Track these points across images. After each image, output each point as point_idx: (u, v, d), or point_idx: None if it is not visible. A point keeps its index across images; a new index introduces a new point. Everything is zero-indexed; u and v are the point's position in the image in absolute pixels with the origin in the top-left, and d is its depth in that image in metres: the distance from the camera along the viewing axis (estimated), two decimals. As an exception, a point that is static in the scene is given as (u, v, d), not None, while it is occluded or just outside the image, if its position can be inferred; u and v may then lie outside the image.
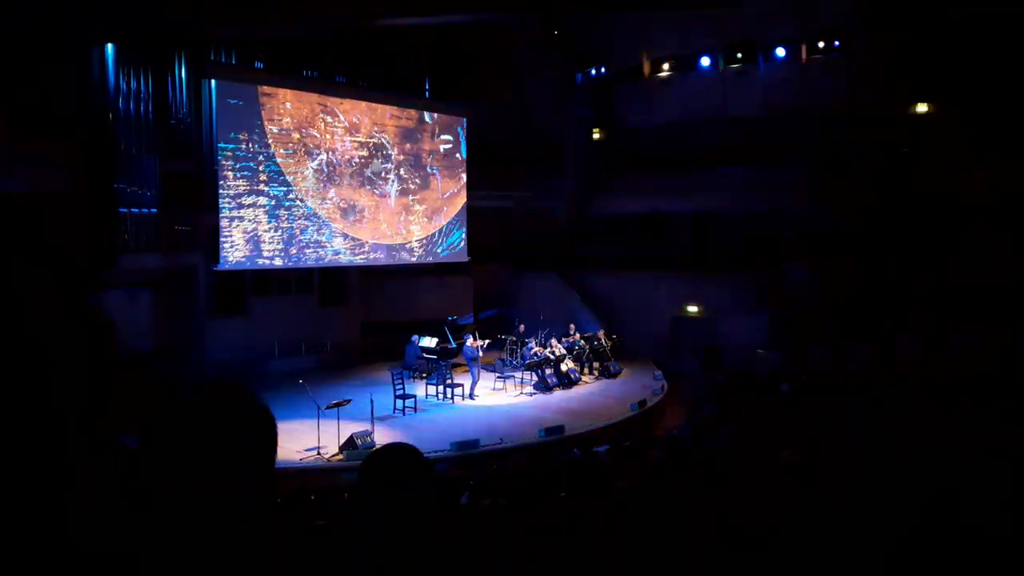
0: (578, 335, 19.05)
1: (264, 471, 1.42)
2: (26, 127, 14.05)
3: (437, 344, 17.83)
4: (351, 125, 20.10)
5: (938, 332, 16.35)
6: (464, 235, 22.98)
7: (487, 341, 17.73)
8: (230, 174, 17.58)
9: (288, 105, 18.67)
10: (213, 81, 17.54)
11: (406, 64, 22.21)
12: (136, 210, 16.05)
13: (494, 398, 16.63)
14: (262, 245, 18.20)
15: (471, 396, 16.33)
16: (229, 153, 17.55)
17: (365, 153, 20.44)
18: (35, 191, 14.11)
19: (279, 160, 18.47)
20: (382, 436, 12.73)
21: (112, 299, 15.96)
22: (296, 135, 18.85)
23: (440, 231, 22.41)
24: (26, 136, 14.03)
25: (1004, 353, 15.05)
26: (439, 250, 22.40)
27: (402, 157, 21.39)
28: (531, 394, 16.94)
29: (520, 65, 23.69)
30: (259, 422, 1.44)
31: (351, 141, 20.10)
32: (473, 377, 16.46)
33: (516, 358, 18.55)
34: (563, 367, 17.67)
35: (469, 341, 16.66)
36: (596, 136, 25.39)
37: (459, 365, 18.49)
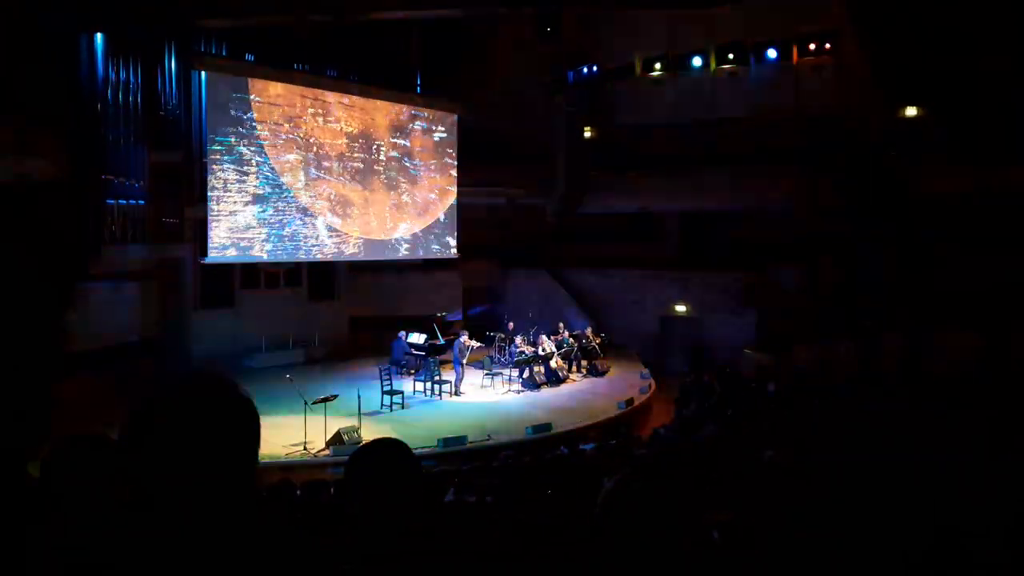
0: (566, 333, 19.07)
1: (246, 464, 1.42)
2: (14, 116, 13.93)
3: (425, 340, 17.80)
4: (341, 119, 20.03)
5: (924, 333, 16.47)
6: (454, 231, 22.94)
7: (479, 344, 17.71)
8: (219, 166, 17.49)
9: (278, 98, 18.59)
10: (203, 73, 17.44)
11: (397, 59, 22.13)
12: (124, 201, 15.94)
13: (482, 395, 16.62)
14: (250, 238, 18.12)
15: (456, 392, 16.33)
16: (218, 145, 17.46)
17: (355, 147, 20.38)
18: (22, 181, 13.99)
19: (268, 153, 18.39)
20: (369, 431, 12.70)
21: (98, 291, 15.86)
22: (286, 128, 18.77)
23: (429, 227, 22.37)
24: (14, 125, 13.91)
25: (990, 354, 15.18)
26: (428, 245, 22.36)
27: (392, 152, 21.33)
28: (519, 391, 16.94)
29: (512, 62, 23.67)
30: (242, 415, 1.43)
31: (341, 135, 20.03)
32: (457, 374, 16.45)
33: (505, 355, 18.55)
34: (551, 364, 17.68)
35: (463, 338, 16.65)
36: (587, 134, 25.40)
37: (447, 361, 18.48)
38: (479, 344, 17.61)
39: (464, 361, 16.52)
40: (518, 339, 17.93)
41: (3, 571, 1.62)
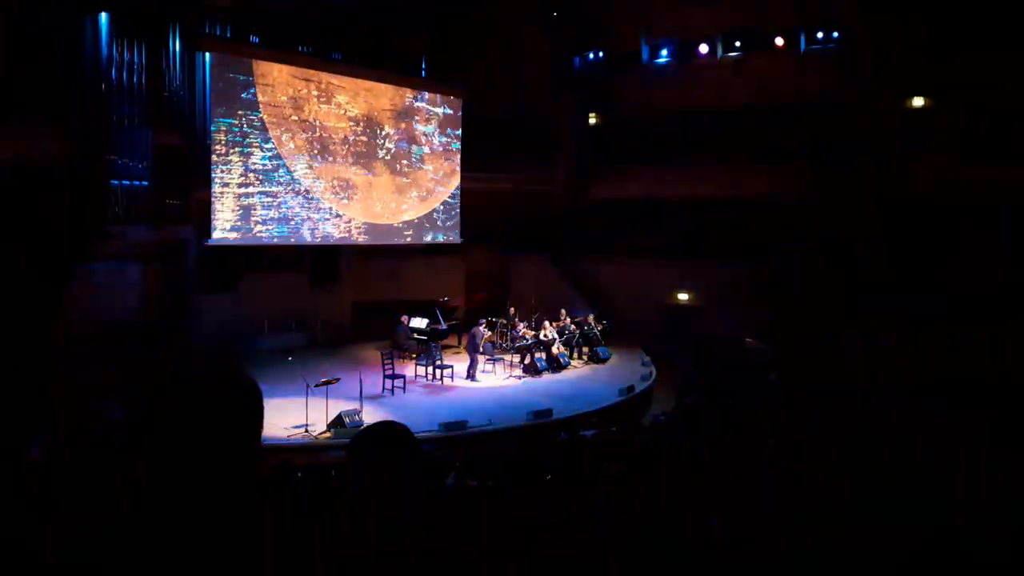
0: (568, 319, 19.08)
1: (249, 448, 1.42)
2: (18, 97, 13.90)
3: (427, 325, 17.82)
4: (345, 102, 19.97)
5: (926, 328, 16.44)
6: (457, 217, 22.92)
7: (491, 333, 17.74)
8: (223, 148, 17.47)
9: (283, 81, 18.54)
10: (207, 54, 17.38)
11: (402, 43, 22.04)
12: (128, 182, 15.92)
13: (484, 380, 16.66)
14: (254, 221, 18.12)
15: (472, 378, 16.37)
16: (222, 127, 17.44)
17: (359, 131, 20.33)
18: (26, 162, 13.98)
19: (272, 135, 18.36)
20: (370, 415, 12.75)
21: (102, 272, 15.87)
22: (290, 111, 18.72)
23: (433, 212, 22.35)
24: (18, 107, 13.88)
25: (993, 352, 15.16)
26: (431, 231, 22.34)
27: (396, 136, 21.28)
28: (520, 377, 16.98)
29: (518, 47, 23.56)
30: (246, 398, 1.43)
31: (345, 119, 19.98)
32: (473, 361, 16.50)
33: (506, 341, 18.58)
34: (553, 350, 17.71)
35: (482, 327, 16.73)
36: (592, 121, 25.30)
37: (449, 346, 18.53)
38: (491, 334, 17.69)
39: (480, 349, 16.61)
40: (520, 325, 17.95)
41: (6, 565, 1.62)
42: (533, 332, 17.75)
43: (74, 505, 1.78)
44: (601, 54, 24.77)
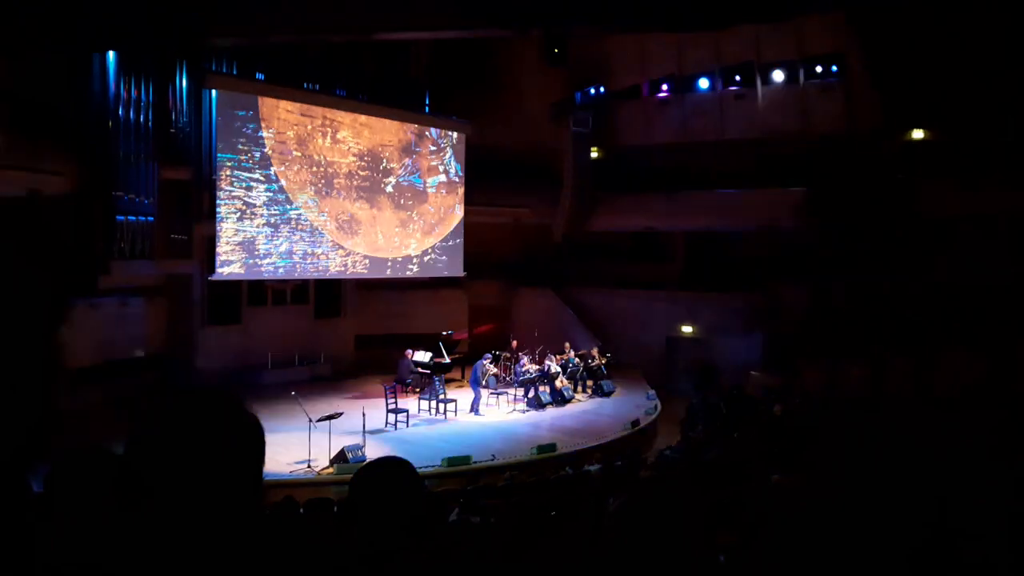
0: (572, 352, 19.03)
1: (251, 481, 1.41)
2: (26, 133, 14.05)
3: (430, 358, 17.78)
4: (349, 137, 20.14)
5: (930, 353, 16.38)
6: (460, 250, 22.98)
7: (496, 370, 17.71)
8: (228, 183, 17.58)
9: (287, 116, 18.71)
10: (214, 91, 17.58)
11: (406, 79, 22.29)
12: (133, 217, 16.03)
13: (487, 414, 16.58)
14: (258, 255, 18.17)
15: (476, 412, 16.33)
16: (228, 163, 17.57)
17: (363, 165, 20.48)
18: (33, 196, 14.09)
19: (277, 171, 18.49)
20: (374, 450, 12.67)
21: (106, 306, 15.92)
22: (295, 146, 18.87)
23: (436, 245, 22.41)
24: (25, 142, 14.03)
25: (995, 374, 15.10)
26: (435, 264, 22.39)
27: (400, 170, 21.42)
28: (524, 411, 16.89)
29: (519, 82, 23.80)
30: (247, 432, 1.43)
31: (350, 154, 20.13)
32: (476, 394, 16.46)
33: (509, 374, 18.51)
34: (557, 384, 17.63)
35: (487, 361, 16.70)
36: (594, 154, 25.47)
37: (452, 380, 18.47)
38: (496, 370, 17.67)
39: (483, 383, 16.58)
40: (524, 358, 17.91)
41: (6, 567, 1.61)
42: (537, 365, 17.69)
43: (68, 526, 1.77)
44: (603, 88, 24.98)
